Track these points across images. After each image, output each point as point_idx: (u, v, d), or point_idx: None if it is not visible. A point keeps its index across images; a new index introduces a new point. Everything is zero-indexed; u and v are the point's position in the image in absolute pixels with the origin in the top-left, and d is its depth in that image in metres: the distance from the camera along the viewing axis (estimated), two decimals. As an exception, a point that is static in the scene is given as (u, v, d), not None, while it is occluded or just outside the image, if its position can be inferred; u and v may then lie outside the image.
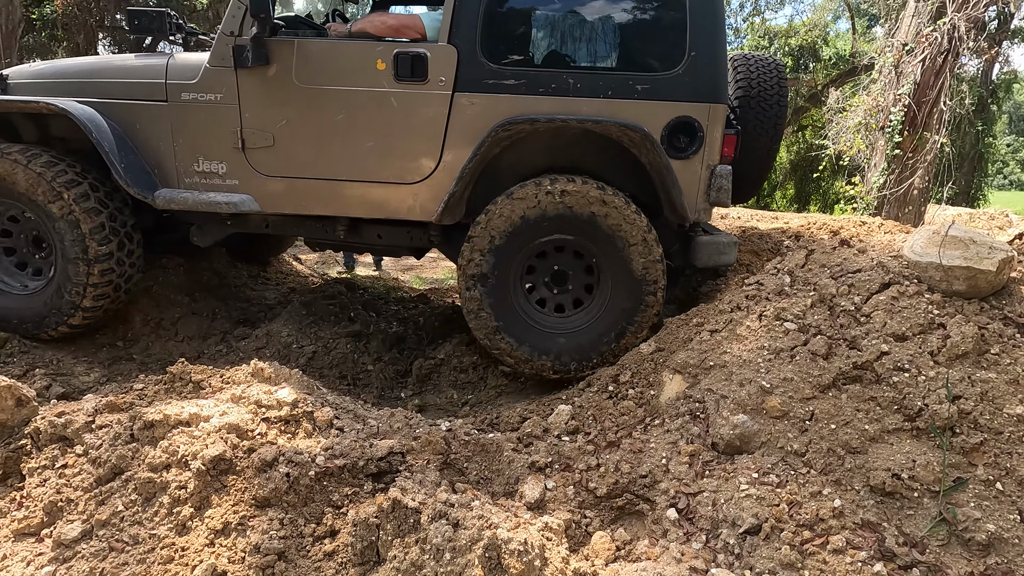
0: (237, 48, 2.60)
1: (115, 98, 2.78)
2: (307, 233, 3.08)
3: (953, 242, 1.85)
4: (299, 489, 1.66)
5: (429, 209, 2.70)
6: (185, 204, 2.77)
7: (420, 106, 2.61)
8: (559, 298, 2.74)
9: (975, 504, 1.39)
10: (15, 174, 2.63)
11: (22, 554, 1.64)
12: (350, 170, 2.72)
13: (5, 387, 1.97)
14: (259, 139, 2.71)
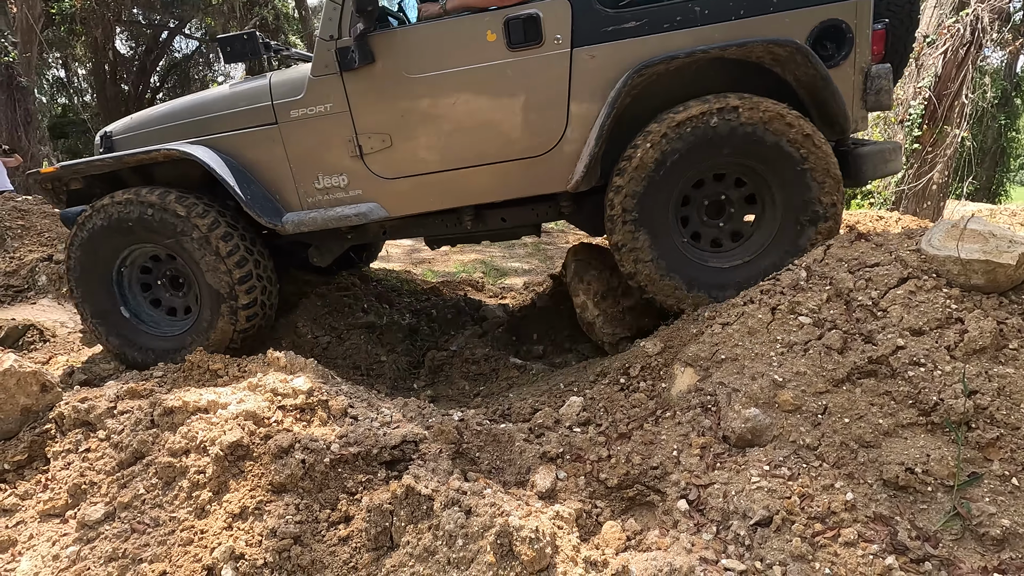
0: (341, 51, 2.52)
1: (223, 131, 2.73)
2: (427, 231, 3.00)
3: (972, 236, 1.83)
4: (314, 475, 1.69)
5: (561, 178, 2.57)
6: (315, 224, 2.71)
7: (539, 71, 2.48)
8: (716, 231, 2.57)
9: (990, 499, 1.38)
10: (155, 216, 2.62)
11: (48, 534, 1.69)
12: (475, 155, 2.60)
13: (30, 373, 2.03)
14: (376, 142, 2.63)
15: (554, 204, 2.82)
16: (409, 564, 1.45)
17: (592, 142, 2.39)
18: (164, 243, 2.68)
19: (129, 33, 18.01)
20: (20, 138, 9.72)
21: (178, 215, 2.59)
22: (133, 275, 2.85)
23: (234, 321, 2.68)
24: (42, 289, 3.45)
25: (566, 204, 2.78)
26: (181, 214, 2.59)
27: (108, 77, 17.41)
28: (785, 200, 2.39)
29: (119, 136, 2.96)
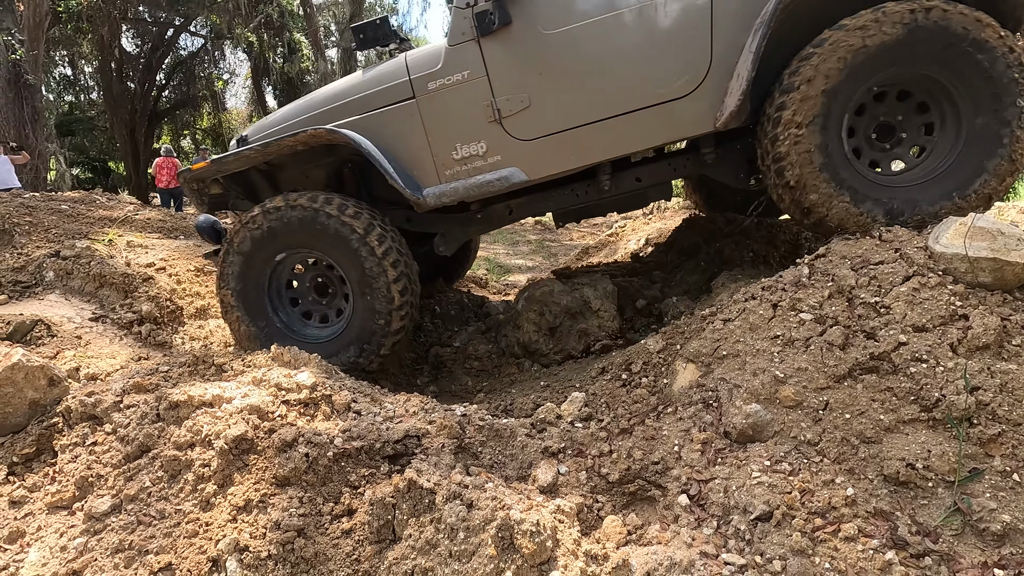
0: (478, 16, 2.52)
1: (361, 113, 2.74)
2: (557, 203, 2.97)
3: (980, 233, 1.82)
4: (318, 469, 1.70)
5: (707, 119, 2.51)
6: (456, 195, 2.69)
7: (680, 9, 2.43)
8: (885, 154, 2.42)
9: (991, 495, 1.38)
10: (310, 220, 2.63)
11: (55, 526, 1.72)
12: (616, 105, 2.55)
13: (38, 368, 2.05)
14: (515, 104, 2.60)
15: (692, 156, 2.77)
16: (411, 557, 1.47)
17: (748, 68, 2.28)
18: (319, 247, 2.69)
19: (135, 31, 18.09)
20: (27, 135, 9.79)
21: (331, 216, 2.60)
22: (282, 283, 2.87)
23: (388, 324, 2.68)
24: (49, 285, 3.48)
25: (708, 151, 2.72)
26: (333, 214, 2.60)
27: (114, 75, 17.50)
28: (976, 107, 2.21)
29: (255, 136, 2.98)
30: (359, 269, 2.64)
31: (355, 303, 2.72)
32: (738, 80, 2.35)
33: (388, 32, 2.78)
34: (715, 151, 2.73)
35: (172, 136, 22.98)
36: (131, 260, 3.80)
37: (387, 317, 2.67)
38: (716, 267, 3.39)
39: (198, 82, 20.72)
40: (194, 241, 4.56)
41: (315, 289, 2.90)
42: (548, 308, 3.07)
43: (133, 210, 5.07)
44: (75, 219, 4.41)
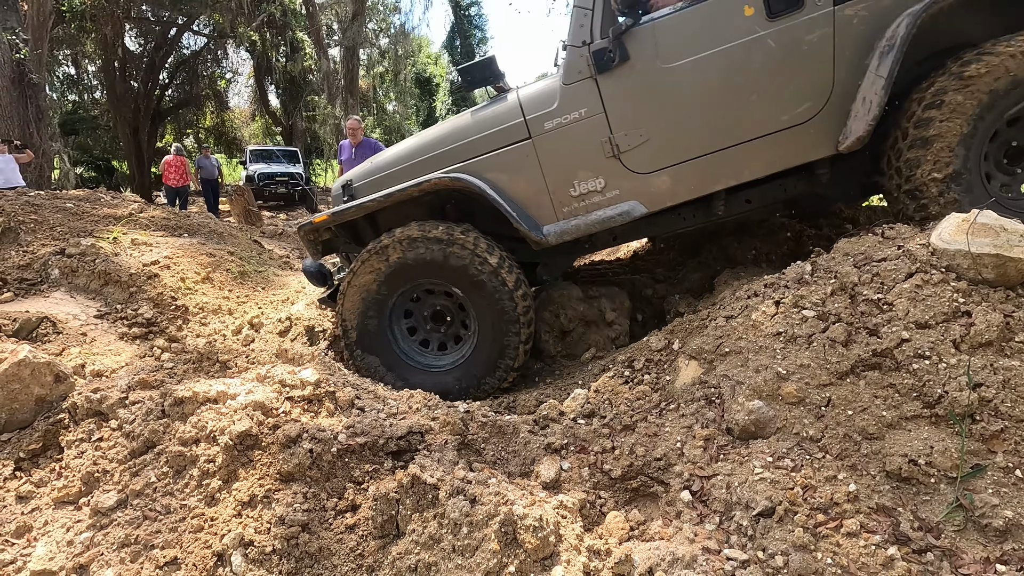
0: (596, 54, 2.55)
1: (475, 156, 2.76)
2: (662, 228, 2.98)
3: (982, 229, 1.82)
4: (322, 465, 1.71)
5: (829, 142, 2.53)
6: (578, 231, 2.73)
7: (802, 36, 2.45)
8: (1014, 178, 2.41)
9: (993, 490, 1.38)
10: (467, 260, 2.66)
11: (62, 520, 1.73)
12: (736, 134, 2.58)
13: (44, 364, 2.07)
14: (632, 139, 2.63)
15: (804, 176, 2.76)
16: (415, 551, 1.48)
17: (879, 93, 2.28)
18: (447, 277, 2.72)
19: (138, 30, 18.13)
20: (32, 134, 9.83)
21: (488, 264, 2.64)
22: (400, 314, 2.91)
23: (515, 355, 2.72)
24: (55, 282, 3.50)
25: (823, 172, 2.71)
26: (492, 264, 2.64)
27: (117, 74, 17.55)
28: None
29: (360, 183, 3.03)
30: (490, 301, 2.67)
31: (481, 334, 2.76)
32: (866, 104, 2.36)
33: (495, 72, 2.80)
34: (830, 171, 2.71)
35: (175, 135, 23.04)
36: (135, 258, 3.82)
37: (515, 350, 2.72)
38: (719, 265, 3.40)
39: (201, 81, 20.77)
40: (199, 239, 4.58)
41: (432, 317, 2.94)
42: (564, 311, 3.09)
43: (137, 208, 5.08)
44: (80, 217, 4.43)
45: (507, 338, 2.70)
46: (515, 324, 2.68)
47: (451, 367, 2.85)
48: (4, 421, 2.01)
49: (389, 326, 2.87)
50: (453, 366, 2.84)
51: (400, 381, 2.80)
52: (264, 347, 2.60)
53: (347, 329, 2.86)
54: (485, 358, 2.75)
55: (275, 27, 18.74)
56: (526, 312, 2.71)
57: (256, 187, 14.54)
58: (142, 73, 18.58)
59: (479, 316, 2.74)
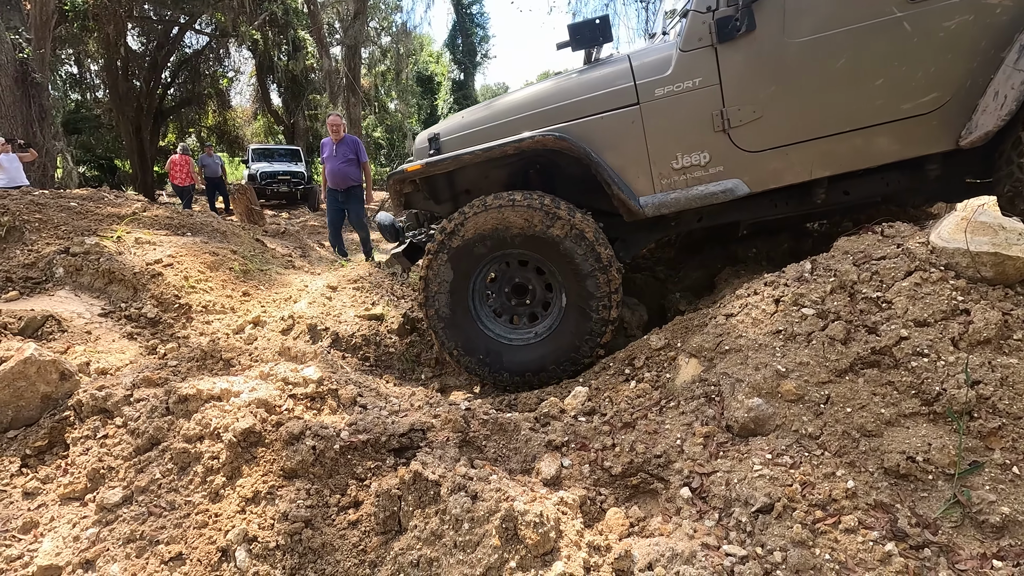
0: (720, 22, 2.45)
1: (577, 118, 2.64)
2: (751, 213, 2.84)
3: (981, 228, 1.83)
4: (324, 462, 1.73)
5: (950, 136, 2.42)
6: (677, 204, 2.61)
7: (940, 22, 2.33)
8: None
9: (990, 487, 1.39)
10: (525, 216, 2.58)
11: (68, 517, 1.75)
12: (855, 119, 2.46)
13: (50, 362, 2.08)
14: (745, 114, 2.51)
15: (910, 171, 2.63)
16: (416, 547, 1.49)
17: (1017, 87, 2.18)
18: (536, 248, 2.61)
19: (140, 29, 18.16)
20: (35, 133, 9.86)
21: (559, 219, 2.54)
22: (482, 285, 2.82)
23: (602, 331, 2.62)
24: (59, 281, 3.52)
25: (933, 167, 2.59)
26: (563, 216, 2.54)
27: (120, 73, 17.58)
28: None
29: (448, 137, 2.90)
30: (580, 274, 2.58)
31: (567, 309, 2.66)
32: (998, 99, 2.27)
33: (607, 31, 2.68)
34: (940, 167, 2.60)
35: (177, 134, 23.09)
36: (139, 256, 3.84)
37: (603, 326, 2.62)
38: (719, 263, 3.40)
39: (203, 80, 20.81)
40: (201, 238, 4.60)
41: (514, 291, 2.84)
42: None
43: (141, 207, 5.11)
44: (84, 216, 4.45)
45: (595, 314, 2.60)
46: (605, 300, 2.59)
47: (529, 343, 2.73)
48: (11, 418, 2.03)
49: (472, 295, 2.76)
50: (532, 342, 2.73)
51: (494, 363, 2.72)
52: (267, 345, 2.61)
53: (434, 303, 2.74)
54: (570, 338, 2.65)
55: (277, 26, 18.76)
56: (617, 290, 2.61)
57: (258, 186, 14.57)
58: (144, 72, 18.63)
59: (567, 289, 2.64)
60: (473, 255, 2.69)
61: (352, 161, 6.43)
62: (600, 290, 2.58)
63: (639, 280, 3.58)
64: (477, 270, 2.74)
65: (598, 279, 2.57)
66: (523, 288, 2.81)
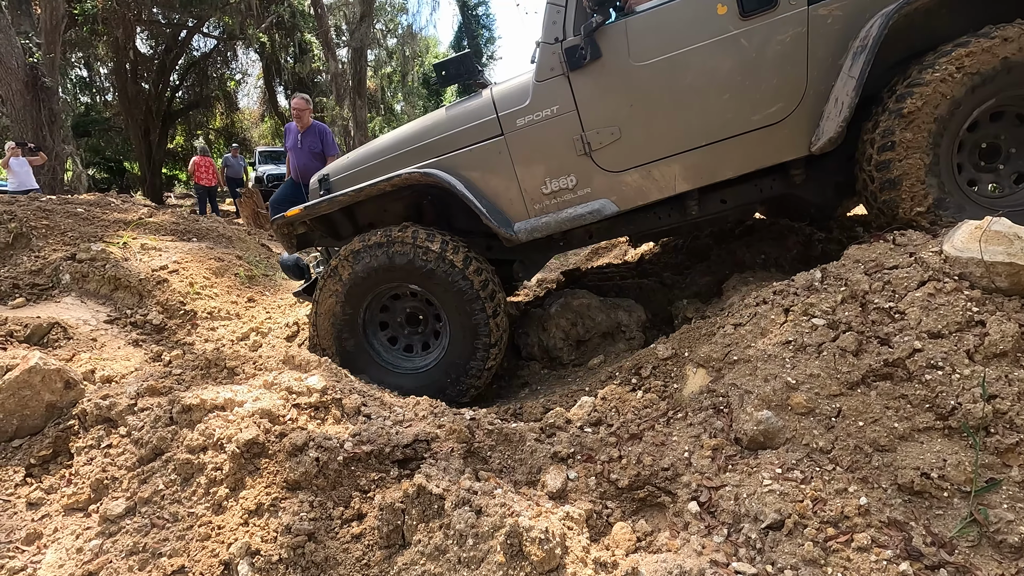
0: (568, 51, 2.54)
1: (447, 152, 2.75)
2: (638, 227, 2.94)
3: (996, 237, 1.79)
4: (328, 473, 1.71)
5: (800, 143, 2.52)
6: (548, 228, 2.71)
7: (775, 36, 2.43)
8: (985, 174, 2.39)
9: (1008, 505, 1.36)
10: (411, 255, 2.66)
11: (71, 527, 1.74)
12: (708, 133, 2.56)
13: (55, 371, 2.08)
14: (604, 137, 2.61)
15: (778, 177, 2.75)
16: (420, 562, 1.47)
17: (851, 95, 2.26)
18: (416, 281, 2.71)
19: (149, 32, 18.30)
20: (45, 137, 9.94)
21: (431, 251, 2.64)
22: (373, 317, 2.91)
23: (486, 356, 2.71)
24: (66, 287, 3.53)
25: (797, 172, 2.69)
26: (435, 250, 2.64)
27: (129, 76, 17.72)
28: None
29: (336, 177, 3.03)
30: (445, 286, 2.66)
31: (452, 336, 2.75)
32: (837, 105, 2.34)
33: (472, 68, 2.80)
34: (804, 171, 2.69)
35: (185, 136, 23.24)
36: (145, 263, 3.85)
37: (486, 326, 2.70)
38: (727, 269, 3.37)
39: (211, 83, 20.93)
40: (207, 243, 4.61)
41: (407, 322, 2.93)
42: (582, 320, 3.07)
43: (147, 212, 5.13)
44: (90, 222, 4.47)
45: (474, 317, 2.68)
46: (476, 301, 2.66)
47: (437, 363, 2.83)
48: (15, 427, 2.03)
49: (367, 342, 2.87)
50: (439, 361, 2.82)
51: (395, 390, 2.80)
52: (271, 353, 2.60)
53: (329, 356, 2.84)
54: (462, 343, 2.74)
55: (284, 29, 18.85)
56: (484, 286, 2.68)
57: (265, 188, 14.63)
58: (153, 75, 18.76)
59: (443, 304, 2.73)
60: (347, 310, 2.80)
61: (318, 154, 5.88)
62: (467, 294, 2.66)
63: (645, 286, 3.55)
64: (359, 321, 2.84)
65: (460, 284, 2.65)
66: (415, 317, 2.92)
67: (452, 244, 2.68)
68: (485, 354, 2.73)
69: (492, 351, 2.73)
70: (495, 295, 2.75)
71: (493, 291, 2.74)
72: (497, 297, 2.76)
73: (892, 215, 2.36)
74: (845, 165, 2.63)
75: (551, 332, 3.09)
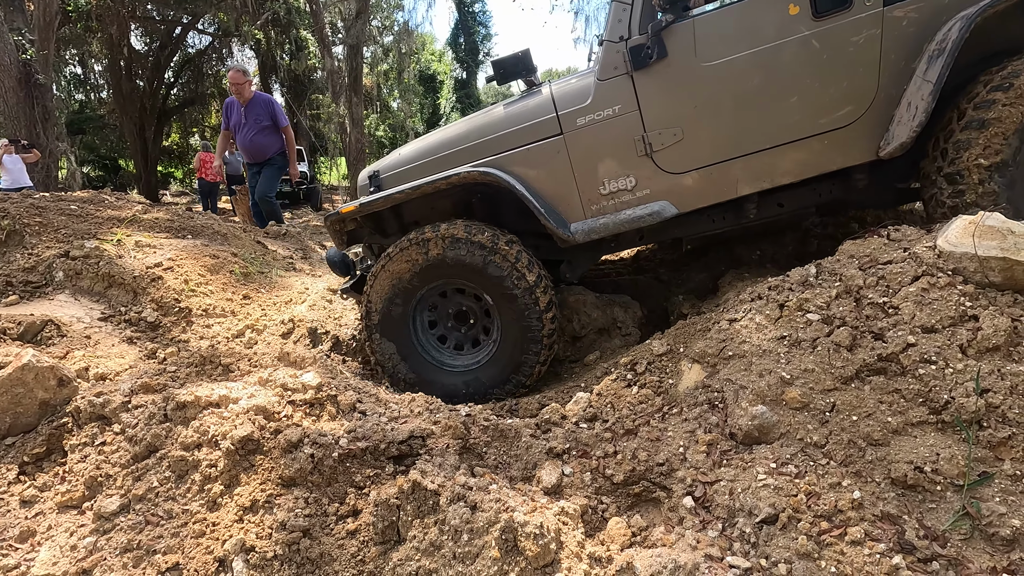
0: (633, 50, 2.51)
1: (505, 150, 2.71)
2: (690, 230, 2.89)
3: (989, 232, 1.79)
4: (323, 470, 1.71)
5: (870, 147, 2.47)
6: (606, 229, 2.67)
7: (848, 37, 2.38)
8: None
9: (1000, 499, 1.36)
10: (505, 273, 2.63)
11: (65, 525, 1.73)
12: (774, 135, 2.52)
13: (48, 368, 2.07)
14: (666, 138, 2.58)
15: (839, 181, 2.68)
16: (415, 558, 1.47)
17: (927, 100, 2.21)
18: (481, 285, 2.70)
19: (143, 29, 18.20)
20: (39, 134, 9.87)
21: (526, 281, 2.61)
22: (425, 306, 2.90)
23: (539, 351, 2.68)
24: (59, 285, 3.51)
25: (860, 176, 2.64)
26: (529, 282, 2.61)
27: (124, 73, 17.63)
28: None
29: (387, 174, 2.99)
30: (519, 316, 2.64)
31: (503, 333, 2.73)
32: (911, 110, 2.30)
33: (530, 66, 2.76)
34: (867, 176, 2.64)
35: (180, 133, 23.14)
36: (139, 260, 3.83)
37: (531, 368, 2.69)
38: (723, 266, 3.37)
39: (206, 80, 20.84)
40: (202, 240, 4.59)
41: (456, 318, 2.92)
42: (578, 317, 3.07)
43: (141, 210, 5.10)
44: (84, 219, 4.44)
45: (526, 356, 2.67)
46: (538, 344, 2.65)
47: (463, 370, 2.82)
48: (8, 425, 2.01)
49: (412, 316, 2.84)
50: (465, 369, 2.82)
51: (411, 373, 2.79)
52: (266, 349, 2.59)
53: (371, 311, 2.83)
54: (500, 370, 2.73)
55: (279, 26, 18.77)
56: (551, 335, 2.68)
57: (261, 186, 14.58)
58: (148, 72, 18.67)
59: (504, 327, 2.71)
60: (415, 281, 2.78)
61: (268, 128, 5.51)
62: (534, 334, 2.65)
63: (642, 282, 3.55)
64: (417, 295, 2.82)
65: (532, 323, 2.64)
66: (465, 316, 2.90)
67: (544, 283, 2.66)
68: (514, 388, 2.72)
69: (521, 389, 2.72)
70: (553, 345, 2.74)
71: (554, 341, 2.73)
72: (554, 348, 2.75)
73: (954, 157, 2.27)
74: (909, 170, 2.59)
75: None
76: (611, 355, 2.83)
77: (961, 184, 2.28)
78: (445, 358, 2.88)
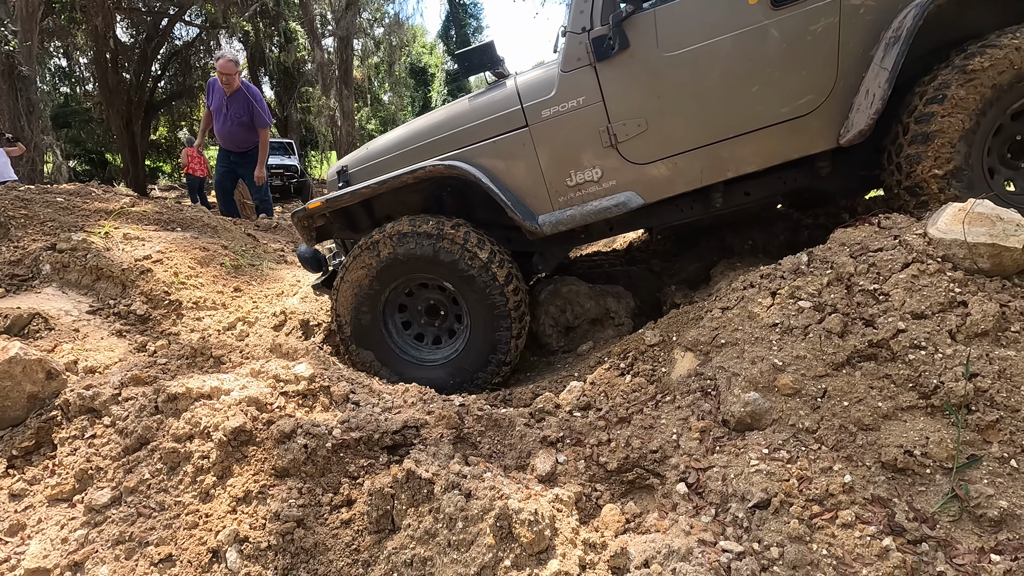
0: (595, 41, 2.49)
1: (471, 143, 2.71)
2: (660, 219, 2.91)
3: (979, 219, 1.81)
4: (316, 460, 1.70)
5: (828, 135, 2.49)
6: (573, 221, 2.67)
7: (806, 26, 2.40)
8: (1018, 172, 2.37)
9: (988, 481, 1.38)
10: (457, 255, 2.63)
11: (56, 518, 1.72)
12: (736, 125, 2.53)
13: (36, 361, 2.05)
14: (631, 128, 2.57)
15: (804, 169, 2.71)
16: (410, 546, 1.47)
17: (883, 87, 2.24)
18: (439, 274, 2.69)
19: (129, 21, 17.90)
20: (23, 127, 9.72)
21: (478, 259, 2.61)
22: (394, 309, 2.89)
23: (510, 325, 2.68)
24: (46, 278, 3.46)
25: (824, 164, 2.66)
26: (482, 259, 2.61)
27: (109, 66, 17.35)
28: None
29: (356, 168, 2.97)
30: (481, 296, 2.65)
31: (473, 328, 2.74)
32: (868, 97, 2.32)
33: (495, 58, 2.75)
34: (830, 164, 2.67)
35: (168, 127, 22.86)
36: (128, 252, 3.79)
37: (506, 344, 2.70)
38: (715, 256, 3.39)
39: (194, 72, 20.56)
40: (192, 233, 4.55)
41: (426, 312, 2.93)
42: (571, 307, 3.07)
43: (129, 202, 5.04)
44: (71, 212, 4.38)
45: (498, 333, 2.69)
46: (506, 319, 2.67)
47: (445, 361, 2.83)
48: (-4, 419, 1.99)
49: (383, 320, 2.86)
50: (447, 360, 2.83)
51: (395, 376, 2.79)
52: (258, 342, 2.58)
53: (341, 324, 2.86)
54: (477, 353, 2.74)
55: (268, 17, 18.55)
56: (517, 307, 2.69)
57: (251, 180, 14.46)
58: (134, 65, 18.38)
59: (471, 311, 2.72)
60: (375, 286, 2.79)
61: (246, 124, 5.50)
62: (499, 309, 2.65)
63: (635, 273, 3.56)
64: (381, 299, 2.83)
65: (495, 299, 2.65)
66: (436, 310, 2.91)
67: (499, 257, 2.66)
68: (496, 368, 2.73)
69: (503, 368, 2.74)
70: (524, 317, 2.74)
71: (523, 313, 2.73)
72: (525, 319, 2.76)
73: (909, 171, 2.33)
74: (871, 157, 2.62)
75: (540, 319, 3.10)
76: (604, 345, 2.84)
77: (923, 195, 2.33)
78: (425, 354, 2.90)
